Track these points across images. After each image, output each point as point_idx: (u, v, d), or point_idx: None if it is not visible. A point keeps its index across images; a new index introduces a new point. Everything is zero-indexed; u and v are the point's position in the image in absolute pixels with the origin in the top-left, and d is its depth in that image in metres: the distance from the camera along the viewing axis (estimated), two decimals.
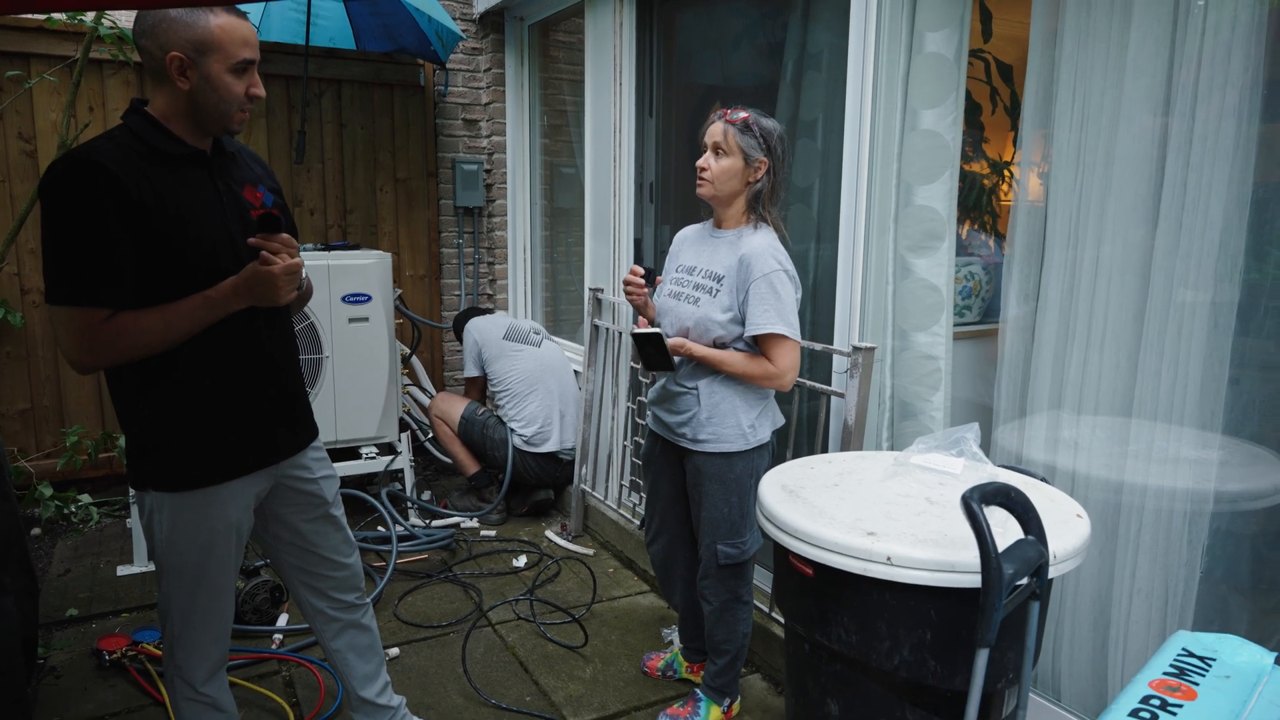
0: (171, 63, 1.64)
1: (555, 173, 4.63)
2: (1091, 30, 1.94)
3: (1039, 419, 2.15)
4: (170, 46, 1.64)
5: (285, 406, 1.88)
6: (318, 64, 4.20)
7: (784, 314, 2.09)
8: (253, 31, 1.72)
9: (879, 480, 1.86)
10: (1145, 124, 1.87)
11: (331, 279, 3.60)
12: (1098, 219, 1.97)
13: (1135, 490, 1.95)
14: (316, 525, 1.97)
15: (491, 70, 4.52)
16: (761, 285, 2.08)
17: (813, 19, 2.69)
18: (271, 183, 1.94)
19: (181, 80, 1.66)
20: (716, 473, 2.19)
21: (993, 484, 1.34)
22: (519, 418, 3.84)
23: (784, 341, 2.10)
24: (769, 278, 2.08)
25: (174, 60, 1.64)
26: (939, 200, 2.31)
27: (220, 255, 1.71)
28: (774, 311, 2.08)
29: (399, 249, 4.56)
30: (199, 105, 1.68)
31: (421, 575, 3.35)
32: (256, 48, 1.72)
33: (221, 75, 1.67)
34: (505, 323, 4.03)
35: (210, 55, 1.65)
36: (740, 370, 2.13)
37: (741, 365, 2.13)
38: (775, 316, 2.08)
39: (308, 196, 4.32)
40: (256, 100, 1.76)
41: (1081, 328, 2.02)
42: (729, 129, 2.13)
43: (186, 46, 1.64)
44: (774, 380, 2.13)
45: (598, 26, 3.55)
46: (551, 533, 3.81)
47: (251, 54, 1.70)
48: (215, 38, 1.65)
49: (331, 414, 3.66)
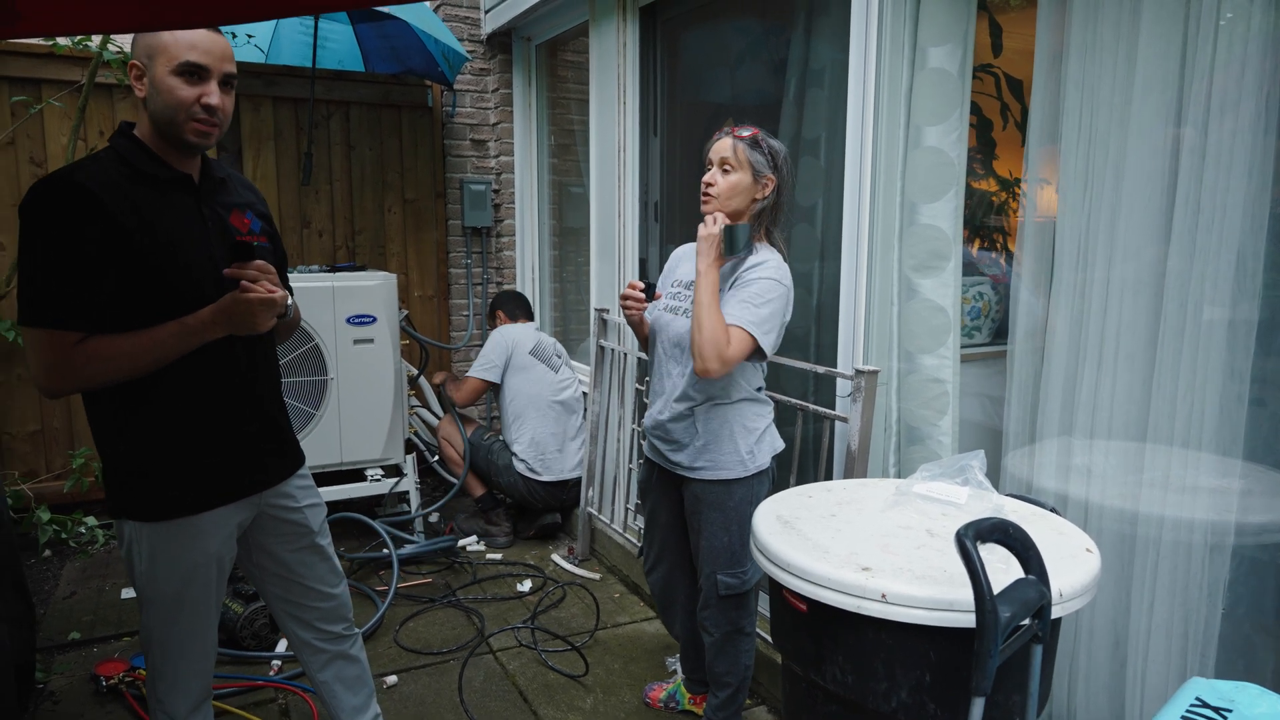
0: (131, 72, 1.64)
1: (564, 192, 4.60)
2: (1099, 43, 1.87)
3: (1049, 445, 2.07)
4: (133, 56, 1.63)
5: (267, 434, 1.84)
6: (326, 86, 4.22)
7: (753, 313, 1.99)
8: (212, 40, 1.63)
9: (878, 510, 1.79)
10: (1156, 138, 1.80)
11: (336, 300, 3.59)
12: (1108, 236, 1.89)
13: (1151, 521, 1.86)
14: (302, 555, 1.93)
15: (499, 91, 4.52)
16: (742, 287, 2.02)
17: (815, 35, 2.65)
18: (261, 209, 1.91)
19: (139, 87, 1.64)
20: (715, 500, 2.13)
21: (989, 519, 1.27)
22: (519, 441, 3.78)
23: (743, 336, 1.98)
24: (760, 284, 2.01)
25: (132, 69, 1.64)
26: (944, 219, 2.25)
27: (203, 281, 1.69)
28: (747, 313, 1.99)
29: (407, 269, 4.55)
30: (152, 114, 1.63)
31: (424, 600, 3.30)
32: (212, 55, 1.63)
33: (165, 78, 1.60)
34: (534, 337, 3.93)
35: (157, 58, 1.60)
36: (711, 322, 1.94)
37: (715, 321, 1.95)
38: (742, 312, 1.98)
39: (316, 218, 4.33)
40: (213, 111, 1.64)
41: (1093, 349, 1.94)
42: (738, 144, 2.08)
43: (141, 53, 1.62)
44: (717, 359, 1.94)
45: (602, 45, 3.53)
46: (558, 556, 3.75)
47: (200, 58, 1.61)
48: (162, 40, 1.60)
49: (336, 436, 3.63)
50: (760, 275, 2.03)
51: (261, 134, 4.16)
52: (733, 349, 1.97)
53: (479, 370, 3.85)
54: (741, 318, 1.98)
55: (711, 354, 1.94)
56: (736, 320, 1.98)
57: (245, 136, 4.13)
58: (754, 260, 2.06)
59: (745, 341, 1.98)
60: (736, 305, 2.00)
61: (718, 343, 1.95)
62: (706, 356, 1.95)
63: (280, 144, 4.20)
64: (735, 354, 1.97)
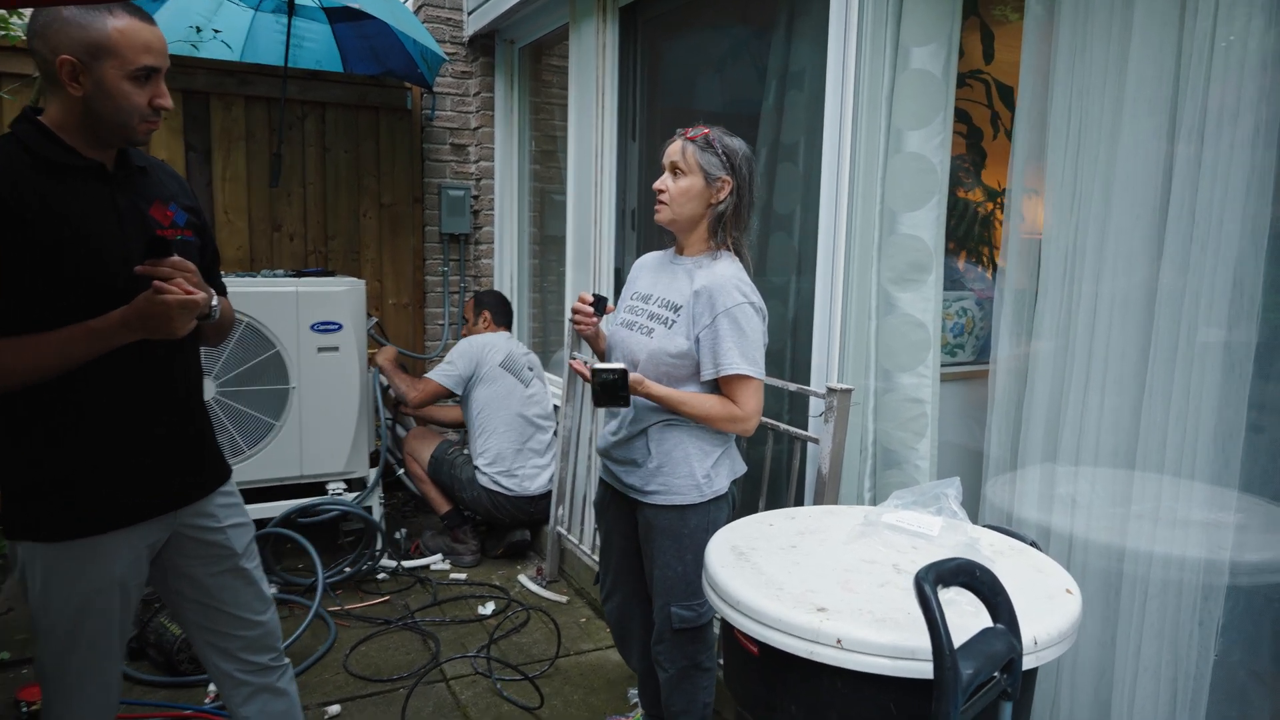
0: (62, 67, 1.50)
1: (545, 199, 4.48)
2: (1089, 50, 1.75)
3: (1032, 472, 1.93)
4: (61, 49, 1.49)
5: (185, 447, 1.70)
6: (301, 86, 4.10)
7: (748, 352, 1.89)
8: (158, 36, 1.57)
9: (842, 542, 1.64)
10: (1148, 149, 1.67)
11: (300, 306, 3.45)
12: (1097, 251, 1.76)
13: (1140, 557, 1.71)
14: (223, 579, 1.78)
15: (481, 94, 4.40)
16: (724, 322, 1.89)
17: (795, 37, 2.53)
18: (188, 200, 1.78)
19: (73, 86, 1.51)
20: (668, 528, 1.98)
21: (953, 561, 1.13)
22: (484, 454, 3.63)
23: (749, 382, 1.91)
24: (732, 312, 1.89)
25: (64, 64, 1.50)
26: (925, 229, 2.12)
27: (115, 278, 1.55)
28: (737, 351, 1.88)
29: (382, 276, 4.42)
30: (95, 115, 1.53)
31: (380, 622, 3.15)
32: (163, 54, 1.57)
33: (118, 83, 1.52)
34: (506, 348, 3.77)
35: (105, 60, 1.50)
36: (703, 412, 1.93)
37: (705, 407, 1.92)
38: (739, 356, 1.88)
39: (288, 221, 4.20)
40: (163, 112, 1.61)
41: (1079, 370, 1.80)
42: (688, 146, 1.96)
43: (79, 49, 1.49)
44: (739, 424, 1.93)
45: (581, 46, 3.41)
46: (526, 577, 3.60)
47: (154, 61, 1.55)
48: (111, 41, 1.50)
49: (297, 447, 3.49)
50: (726, 305, 1.90)
51: (232, 134, 4.04)
52: (750, 403, 1.92)
53: (442, 375, 3.66)
54: (744, 366, 1.89)
55: (740, 428, 1.95)
56: (733, 368, 1.89)
57: (215, 136, 4.01)
58: (718, 279, 1.92)
59: (751, 385, 1.92)
60: (723, 350, 1.89)
61: (730, 415, 1.92)
62: (737, 428, 1.96)
63: (252, 145, 4.08)
64: (756, 405, 1.94)
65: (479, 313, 3.88)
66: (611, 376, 1.86)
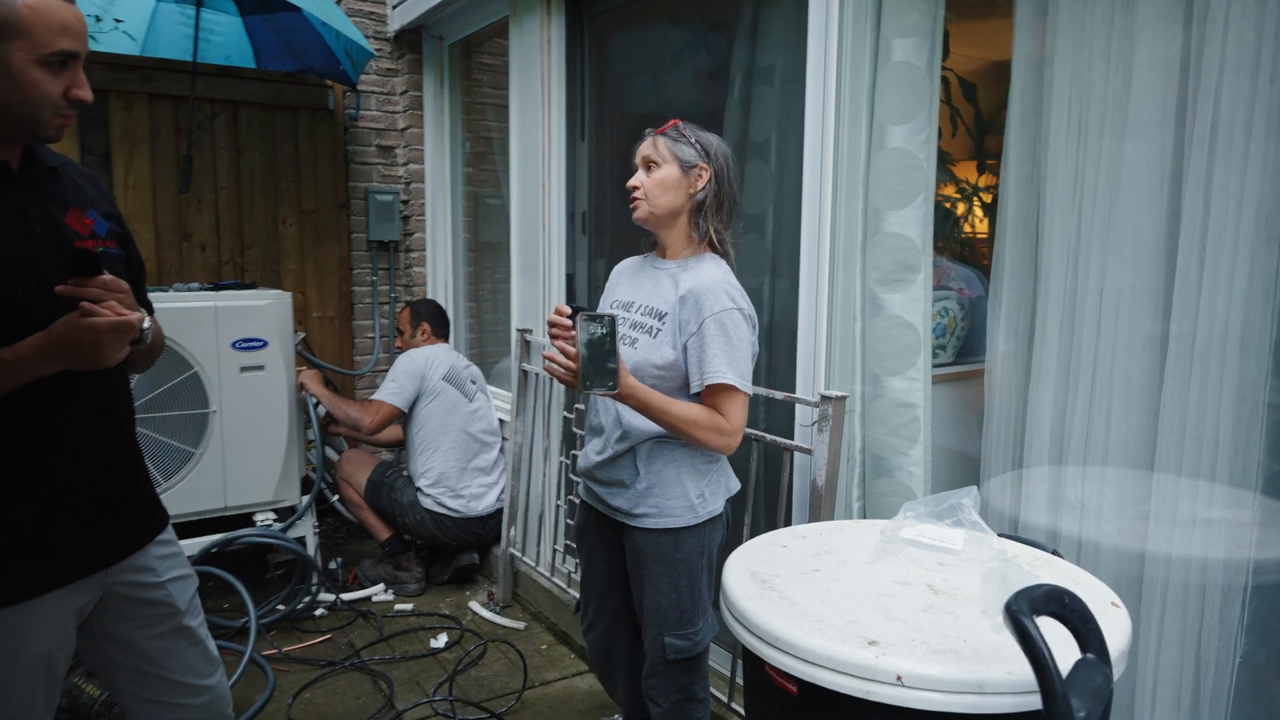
0: None
1: (480, 204, 4.27)
2: (1090, 27, 1.70)
3: (1037, 475, 1.87)
4: None
5: (118, 493, 1.46)
6: (210, 83, 3.78)
7: (736, 362, 1.76)
8: (77, 17, 1.34)
9: (866, 562, 1.54)
10: (1159, 131, 1.62)
11: (220, 322, 3.16)
12: (1103, 241, 1.71)
13: (1158, 560, 1.66)
14: (165, 642, 1.54)
15: (409, 93, 4.16)
16: (711, 326, 1.75)
17: (763, 31, 2.42)
18: (108, 207, 1.54)
19: None
20: (661, 553, 1.84)
21: (1042, 587, 1.03)
22: (426, 474, 3.39)
23: (736, 395, 1.77)
24: (720, 318, 1.76)
25: None
26: (912, 227, 2.04)
27: (24, 300, 1.31)
28: (725, 359, 1.75)
29: (305, 288, 4.12)
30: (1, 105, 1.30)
31: (323, 663, 2.89)
32: (82, 38, 1.34)
33: (26, 68, 1.28)
34: (449, 360, 3.52)
35: (13, 41, 1.27)
36: (689, 418, 1.76)
37: (691, 413, 1.76)
38: (726, 365, 1.74)
39: (198, 230, 3.86)
40: (80, 104, 1.37)
41: (1086, 366, 1.75)
42: (659, 139, 1.84)
43: None
44: (724, 438, 1.78)
45: (524, 42, 3.24)
46: (477, 603, 3.39)
47: (72, 45, 1.32)
48: (21, 19, 1.27)
49: (220, 477, 3.19)
50: (714, 309, 1.76)
51: (135, 136, 3.69)
52: (736, 416, 1.77)
53: (392, 395, 3.38)
54: (726, 372, 1.74)
55: (723, 443, 1.78)
56: (720, 377, 1.74)
57: (115, 138, 3.65)
58: (705, 282, 1.79)
59: (738, 398, 1.77)
60: (710, 358, 1.74)
61: (716, 426, 1.76)
62: (720, 444, 1.79)
63: (157, 147, 3.73)
64: (741, 419, 1.79)
65: (416, 324, 3.63)
66: (601, 331, 1.63)
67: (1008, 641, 1.23)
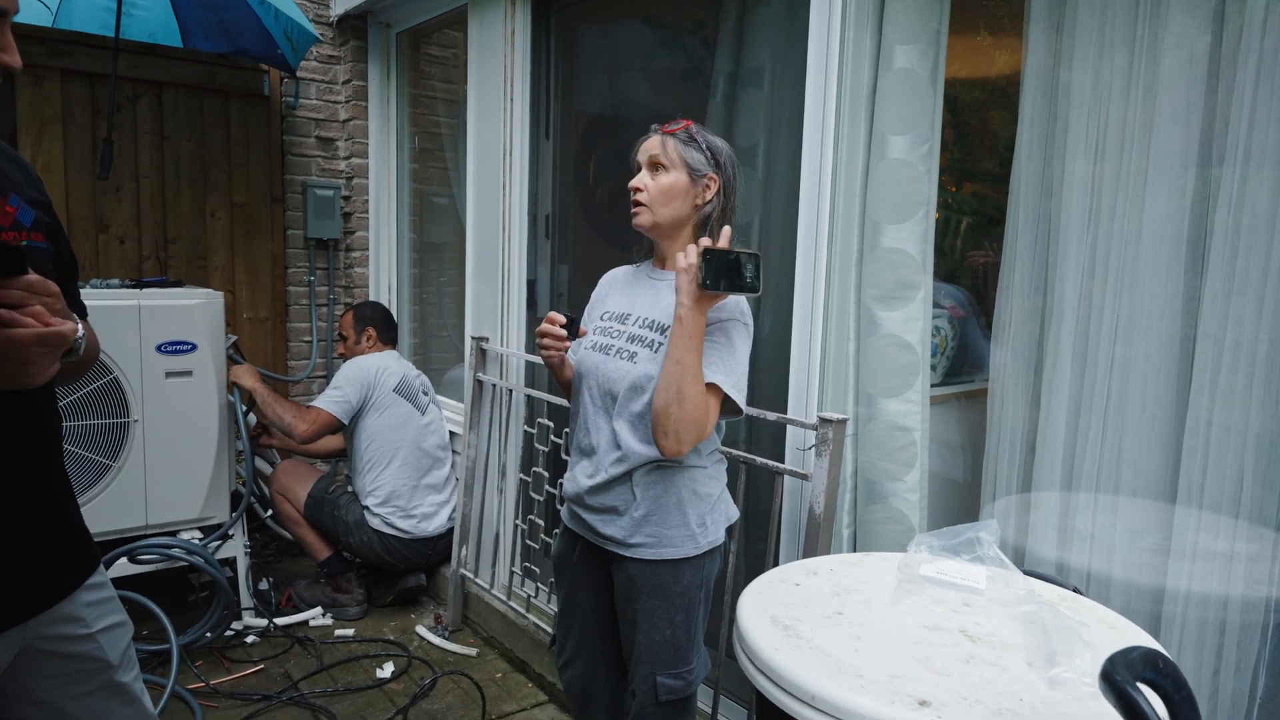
0: None
1: (426, 202, 4.05)
2: (1112, 26, 1.64)
3: (1044, 504, 1.80)
4: None
5: (41, 532, 1.24)
6: (132, 61, 3.47)
7: (732, 370, 1.62)
8: None
9: (889, 603, 1.43)
10: (1181, 144, 1.57)
11: (144, 323, 2.88)
12: (1123, 256, 1.65)
13: (1175, 596, 1.61)
14: (93, 701, 1.32)
15: (352, 82, 3.91)
16: (716, 333, 1.63)
17: (751, 30, 2.31)
18: (36, 194, 1.31)
19: None
20: (657, 586, 1.70)
21: (1137, 650, 0.93)
22: (375, 492, 3.16)
23: (717, 395, 1.61)
24: (725, 325, 1.63)
25: None
26: (912, 242, 1.96)
27: None
28: (721, 364, 1.61)
29: (235, 286, 3.83)
30: None
31: (256, 697, 2.65)
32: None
33: None
34: (400, 370, 3.28)
35: None
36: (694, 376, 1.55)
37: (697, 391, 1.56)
38: (721, 370, 1.60)
39: (117, 221, 3.54)
40: (6, 69, 1.17)
41: (1100, 391, 1.69)
42: (668, 140, 1.70)
43: None
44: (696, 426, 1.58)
45: (484, 33, 3.05)
46: (424, 627, 3.18)
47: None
48: None
49: (141, 493, 2.90)
50: (718, 316, 1.63)
51: (45, 114, 3.35)
52: (712, 419, 1.60)
53: (332, 404, 3.12)
54: (719, 376, 1.59)
55: (691, 434, 1.57)
56: (710, 376, 1.58)
57: (22, 117, 3.31)
58: None
59: (719, 402, 1.61)
60: (713, 353, 1.60)
61: (698, 421, 1.57)
62: (684, 438, 1.57)
63: (70, 128, 3.40)
64: (714, 419, 1.61)
65: (361, 329, 3.38)
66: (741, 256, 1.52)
67: (1063, 699, 1.15)
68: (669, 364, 1.56)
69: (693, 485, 1.71)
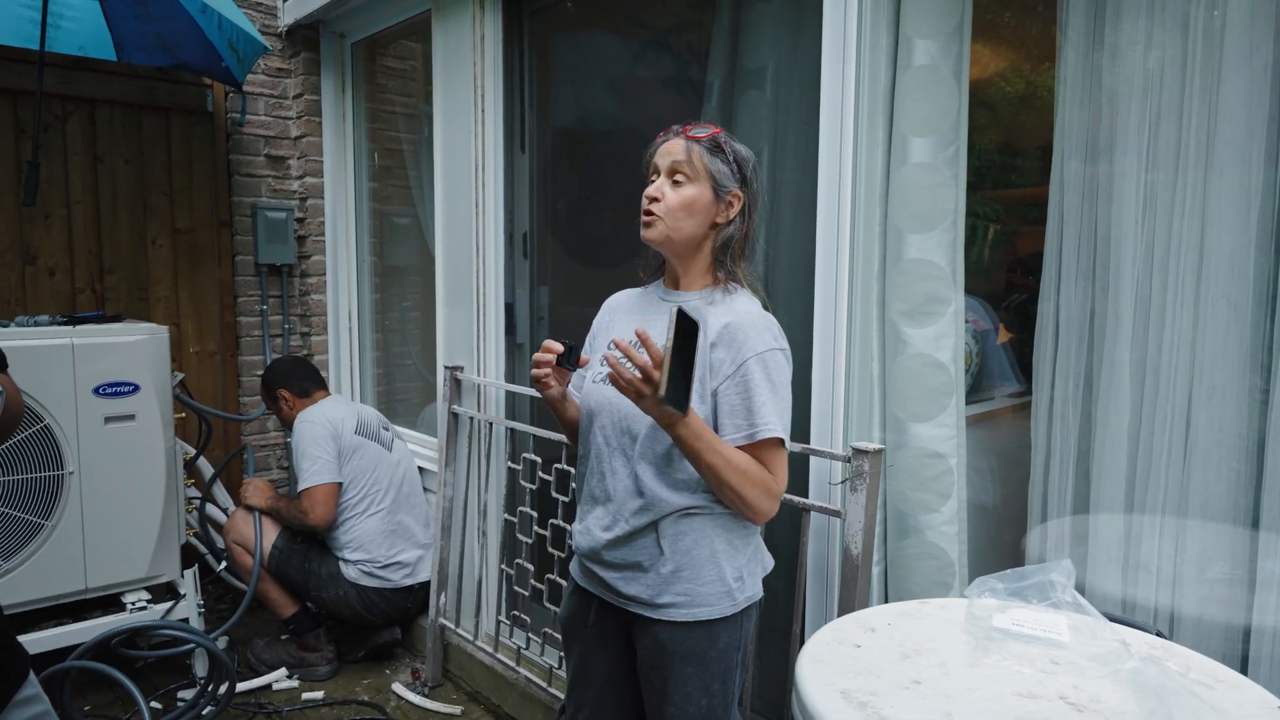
0: None
1: (387, 223, 3.81)
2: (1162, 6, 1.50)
3: (1102, 533, 1.64)
4: None
5: None
6: (61, 76, 3.18)
7: (783, 413, 1.46)
8: None
9: (967, 665, 1.25)
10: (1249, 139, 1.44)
11: (78, 364, 2.59)
12: (1182, 259, 1.50)
13: (1264, 634, 1.46)
14: None
15: (304, 96, 3.66)
16: (755, 369, 1.44)
17: (749, 29, 2.15)
18: None
19: None
20: (692, 651, 1.49)
21: None
22: (350, 541, 2.90)
23: (783, 452, 1.47)
24: (764, 358, 1.45)
25: None
26: (939, 252, 1.80)
27: None
28: (773, 409, 1.44)
29: (179, 318, 3.53)
30: None
31: None
32: None
33: None
34: (352, 410, 3.02)
35: None
36: (742, 470, 1.40)
37: (745, 464, 1.41)
38: (776, 416, 1.43)
39: (46, 251, 3.23)
40: None
41: (1164, 404, 1.54)
42: (693, 146, 1.50)
43: None
44: (771, 501, 1.45)
45: (450, 40, 2.84)
46: (400, 684, 2.92)
47: None
48: None
49: (79, 553, 2.61)
50: (756, 349, 1.45)
51: None
52: (784, 476, 1.47)
53: (322, 472, 2.84)
54: (776, 425, 1.43)
55: (771, 498, 1.45)
56: (770, 430, 1.42)
57: None
58: (743, 317, 1.47)
59: (782, 455, 1.47)
60: (758, 405, 1.43)
61: (766, 484, 1.43)
62: (767, 505, 1.45)
63: None
64: (785, 479, 1.48)
65: (275, 399, 3.09)
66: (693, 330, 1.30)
67: None
68: (701, 469, 1.41)
69: (727, 535, 1.51)
